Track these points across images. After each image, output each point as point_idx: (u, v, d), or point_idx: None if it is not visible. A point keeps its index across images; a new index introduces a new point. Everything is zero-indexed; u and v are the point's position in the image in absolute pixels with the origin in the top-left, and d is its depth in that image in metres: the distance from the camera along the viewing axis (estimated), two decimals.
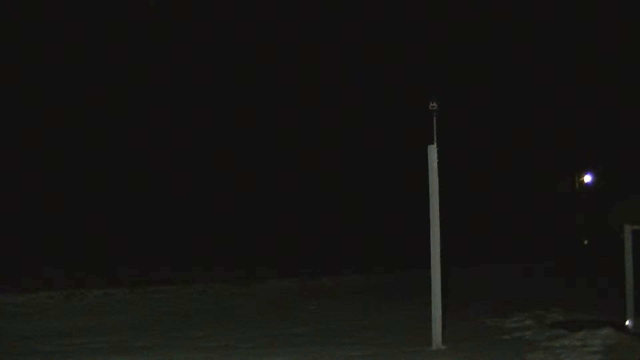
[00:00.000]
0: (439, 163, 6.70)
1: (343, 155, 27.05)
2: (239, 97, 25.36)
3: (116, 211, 23.44)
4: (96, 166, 23.45)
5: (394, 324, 8.75)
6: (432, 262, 6.69)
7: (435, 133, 6.70)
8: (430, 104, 6.67)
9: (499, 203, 30.99)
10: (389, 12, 25.35)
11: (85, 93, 22.86)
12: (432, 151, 6.71)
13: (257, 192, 25.96)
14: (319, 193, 27.01)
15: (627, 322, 7.73)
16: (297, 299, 12.23)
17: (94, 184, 23.35)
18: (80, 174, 23.15)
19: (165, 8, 23.53)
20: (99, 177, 23.46)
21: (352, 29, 25.40)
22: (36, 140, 22.52)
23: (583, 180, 36.88)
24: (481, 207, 30.18)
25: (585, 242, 33.96)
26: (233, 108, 25.38)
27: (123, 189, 23.79)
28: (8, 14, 21.08)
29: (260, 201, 26.03)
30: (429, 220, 6.72)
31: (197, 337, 7.79)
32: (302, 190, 26.54)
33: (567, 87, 31.61)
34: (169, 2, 23.76)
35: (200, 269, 17.69)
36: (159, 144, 24.24)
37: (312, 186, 26.68)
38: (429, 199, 6.72)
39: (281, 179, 26.07)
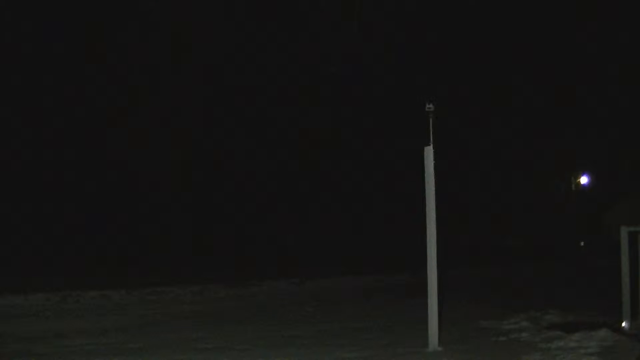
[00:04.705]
0: (435, 164, 6.72)
1: (342, 156, 27.05)
2: (239, 97, 25.35)
3: (113, 213, 23.40)
4: (94, 167, 23.41)
5: (390, 325, 8.74)
6: (428, 264, 6.69)
7: (431, 134, 6.70)
8: (427, 106, 6.67)
9: (497, 204, 31.03)
10: (388, 12, 25.34)
11: (84, 93, 22.83)
12: (429, 153, 6.72)
13: (256, 192, 25.95)
14: (318, 194, 27.01)
15: (623, 324, 7.72)
16: (295, 301, 12.21)
17: (91, 184, 23.33)
18: (78, 175, 23.12)
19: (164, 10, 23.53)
20: (97, 177, 23.43)
21: (350, 29, 25.37)
22: (35, 141, 22.51)
23: (580, 181, 36.94)
24: (479, 207, 30.21)
25: (582, 243, 34.01)
26: (233, 108, 25.37)
27: (121, 189, 23.77)
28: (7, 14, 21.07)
29: (258, 202, 26.02)
30: (426, 221, 6.74)
31: (193, 338, 7.77)
32: (300, 191, 26.54)
33: (566, 87, 31.66)
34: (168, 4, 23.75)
35: (197, 270, 17.68)
36: (157, 144, 24.22)
37: (311, 187, 26.67)
38: (425, 200, 6.74)
39: (280, 180, 26.07)
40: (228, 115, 25.38)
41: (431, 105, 6.67)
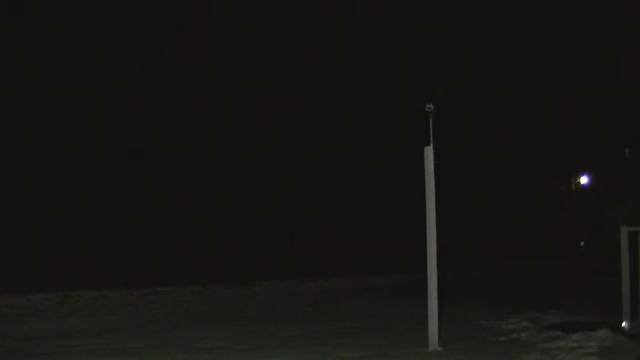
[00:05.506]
0: (435, 164, 6.72)
1: (342, 156, 27.04)
2: (239, 96, 25.33)
3: (113, 211, 23.41)
4: (93, 165, 23.39)
5: (390, 325, 8.74)
6: (428, 264, 6.69)
7: (431, 134, 6.71)
8: (427, 105, 6.68)
9: (496, 204, 31.02)
10: (387, 12, 25.30)
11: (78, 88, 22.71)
12: (429, 153, 6.73)
13: (256, 192, 25.96)
14: (318, 194, 27.01)
15: (623, 324, 7.73)
16: (294, 301, 12.22)
17: (90, 183, 23.32)
18: (77, 173, 23.11)
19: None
20: (96, 176, 23.41)
21: (350, 27, 25.37)
22: (32, 138, 22.50)
23: (580, 181, 36.95)
24: (479, 207, 30.20)
25: (582, 243, 34.02)
26: (233, 107, 25.35)
27: (121, 188, 23.76)
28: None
29: (258, 201, 26.03)
30: (426, 221, 6.74)
31: (193, 338, 7.78)
32: (300, 190, 26.55)
33: (566, 87, 31.63)
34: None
35: (196, 270, 17.68)
36: (157, 142, 24.22)
37: (310, 186, 26.68)
38: (425, 200, 6.75)
39: (280, 179, 26.08)
40: (228, 115, 25.36)
41: (431, 105, 6.68)
